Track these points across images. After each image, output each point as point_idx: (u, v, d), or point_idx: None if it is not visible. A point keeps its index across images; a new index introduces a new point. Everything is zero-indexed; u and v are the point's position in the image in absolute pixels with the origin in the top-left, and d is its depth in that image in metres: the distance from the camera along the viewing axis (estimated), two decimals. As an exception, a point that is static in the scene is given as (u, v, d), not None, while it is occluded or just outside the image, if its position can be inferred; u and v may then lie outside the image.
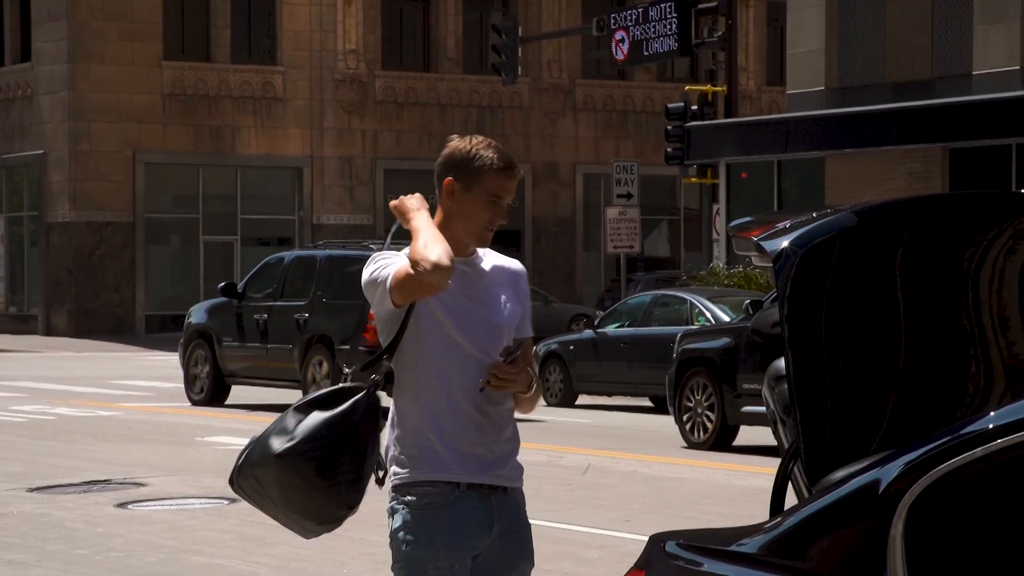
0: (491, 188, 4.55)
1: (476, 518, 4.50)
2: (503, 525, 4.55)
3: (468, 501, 4.50)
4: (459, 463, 4.49)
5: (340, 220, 43.26)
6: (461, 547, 4.48)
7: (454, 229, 4.56)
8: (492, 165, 4.54)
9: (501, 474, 4.54)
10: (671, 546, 4.26)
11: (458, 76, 44.73)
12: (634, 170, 32.99)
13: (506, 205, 4.59)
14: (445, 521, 4.47)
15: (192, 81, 41.86)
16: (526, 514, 4.66)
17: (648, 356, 21.14)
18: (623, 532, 10.93)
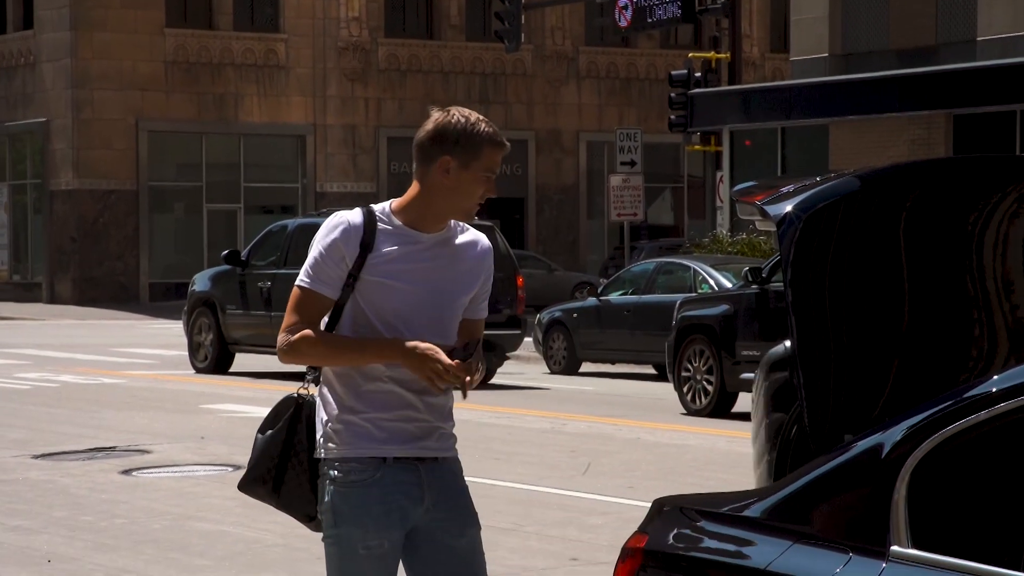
0: (488, 164, 4.52)
1: (405, 491, 4.47)
2: (436, 494, 4.50)
3: (395, 475, 4.47)
4: (384, 437, 4.46)
5: (343, 188, 43.23)
6: (391, 524, 4.45)
7: (437, 204, 4.51)
8: (491, 140, 4.52)
9: (428, 445, 4.51)
10: (674, 511, 4.27)
11: (461, 44, 44.63)
12: (637, 137, 32.93)
13: (492, 179, 4.56)
14: (373, 499, 4.44)
15: (195, 49, 41.79)
16: (463, 479, 4.60)
17: (651, 324, 21.15)
18: (626, 499, 10.95)
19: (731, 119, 29.91)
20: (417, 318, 4.48)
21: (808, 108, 28.27)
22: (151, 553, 9.16)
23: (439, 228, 4.54)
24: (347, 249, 4.47)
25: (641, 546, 4.20)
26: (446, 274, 4.53)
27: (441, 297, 4.52)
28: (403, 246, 4.50)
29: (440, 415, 4.52)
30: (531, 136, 45.42)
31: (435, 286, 4.51)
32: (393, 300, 4.47)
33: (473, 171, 4.50)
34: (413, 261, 4.50)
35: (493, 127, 4.57)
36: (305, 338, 4.45)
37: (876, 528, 3.67)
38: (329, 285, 4.47)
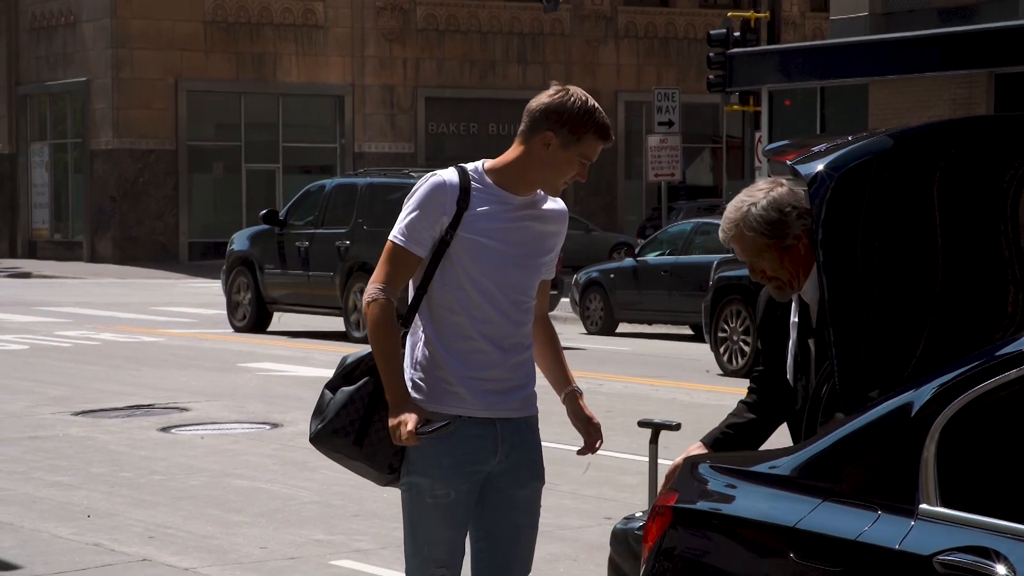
0: (587, 152, 4.65)
1: (478, 444, 4.63)
2: (508, 447, 4.67)
3: (469, 428, 4.62)
4: (466, 395, 4.61)
5: (381, 148, 43.26)
6: (459, 476, 4.61)
7: (531, 173, 4.66)
8: (596, 132, 4.63)
9: (509, 405, 4.67)
10: (704, 468, 4.30)
11: (499, 3, 44.49)
12: (675, 97, 32.81)
13: (588, 166, 4.71)
14: (444, 451, 4.59)
15: (234, 8, 41.80)
16: (538, 435, 4.78)
17: (688, 284, 21.13)
18: (661, 459, 10.96)
19: (770, 79, 29.75)
20: (503, 276, 4.63)
21: (848, 67, 28.09)
22: (189, 509, 9.25)
23: (528, 193, 4.70)
24: (445, 207, 4.61)
25: (671, 503, 4.23)
26: (531, 236, 4.69)
27: (526, 258, 4.68)
28: (495, 205, 4.65)
29: (525, 375, 4.69)
30: (569, 96, 45.23)
31: (522, 247, 4.67)
32: (483, 258, 4.61)
33: (571, 153, 4.64)
34: (504, 221, 4.66)
35: (604, 120, 4.68)
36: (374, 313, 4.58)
37: (905, 486, 3.68)
38: (421, 244, 4.62)
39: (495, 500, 4.68)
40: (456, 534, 4.64)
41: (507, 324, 4.64)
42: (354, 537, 8.59)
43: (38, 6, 43.61)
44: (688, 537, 4.16)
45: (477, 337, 4.60)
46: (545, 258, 4.74)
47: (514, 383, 4.66)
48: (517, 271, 4.66)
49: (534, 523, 4.76)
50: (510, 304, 4.64)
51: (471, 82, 44.41)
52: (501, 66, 44.65)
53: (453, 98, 44.19)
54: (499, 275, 4.63)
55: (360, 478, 4.84)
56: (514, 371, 4.66)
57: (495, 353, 4.61)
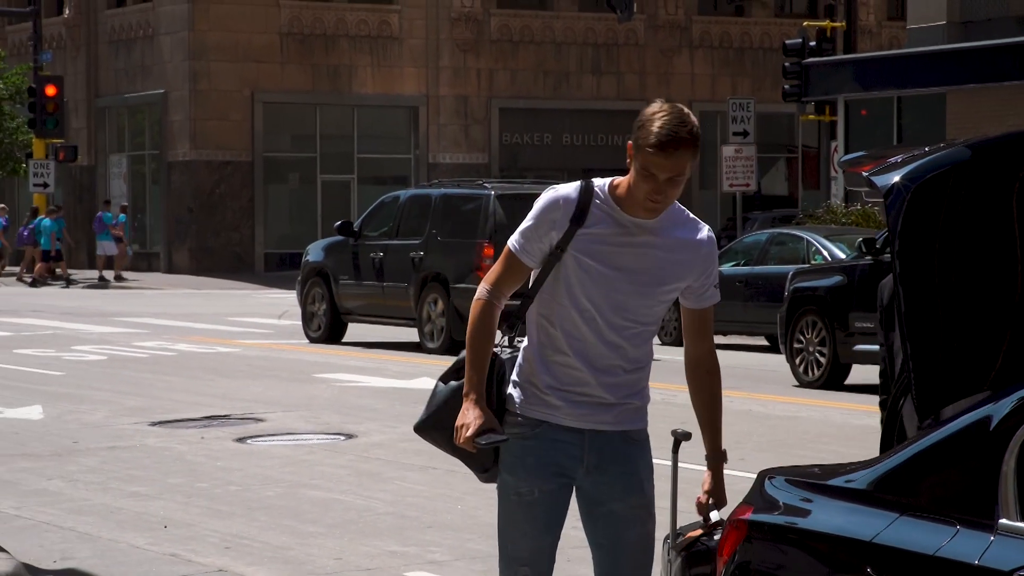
0: (645, 163, 4.50)
1: (564, 450, 4.63)
2: (597, 458, 4.65)
3: (555, 433, 4.64)
4: (556, 405, 4.62)
5: (455, 159, 43.36)
6: (543, 475, 4.62)
7: (629, 189, 4.59)
8: (650, 143, 4.50)
9: (599, 419, 4.64)
10: (779, 481, 4.27)
11: (573, 14, 44.51)
12: (750, 107, 32.67)
13: (667, 181, 4.49)
14: (529, 451, 4.63)
15: (309, 20, 42.08)
16: (640, 448, 4.74)
17: (764, 295, 21.00)
18: (736, 471, 10.87)
19: (846, 88, 29.56)
20: (604, 298, 4.58)
21: (925, 77, 27.86)
22: (264, 520, 9.29)
23: (647, 214, 4.57)
24: (557, 222, 4.58)
25: (747, 517, 4.20)
26: (647, 262, 4.58)
27: (636, 284, 4.59)
28: (610, 226, 4.58)
29: (624, 395, 4.64)
30: (643, 106, 44.92)
31: (631, 273, 4.58)
32: (586, 278, 4.58)
33: (635, 164, 4.54)
34: (615, 243, 4.58)
35: (667, 130, 4.49)
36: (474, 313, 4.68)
37: (984, 501, 3.63)
38: (531, 255, 4.62)
39: (598, 514, 4.68)
40: (539, 534, 4.63)
41: (601, 345, 4.59)
42: (428, 548, 8.60)
43: (117, 19, 44.10)
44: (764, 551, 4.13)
45: (569, 353, 4.59)
46: (665, 287, 4.59)
47: (608, 400, 4.63)
48: (622, 296, 4.58)
49: (640, 537, 4.71)
50: (608, 327, 4.59)
51: (545, 92, 44.44)
52: (575, 76, 44.64)
53: (527, 108, 44.23)
54: (600, 297, 4.57)
55: (435, 489, 4.86)
56: (609, 390, 4.62)
57: (586, 371, 4.60)
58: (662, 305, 4.64)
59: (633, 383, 4.67)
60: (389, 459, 11.32)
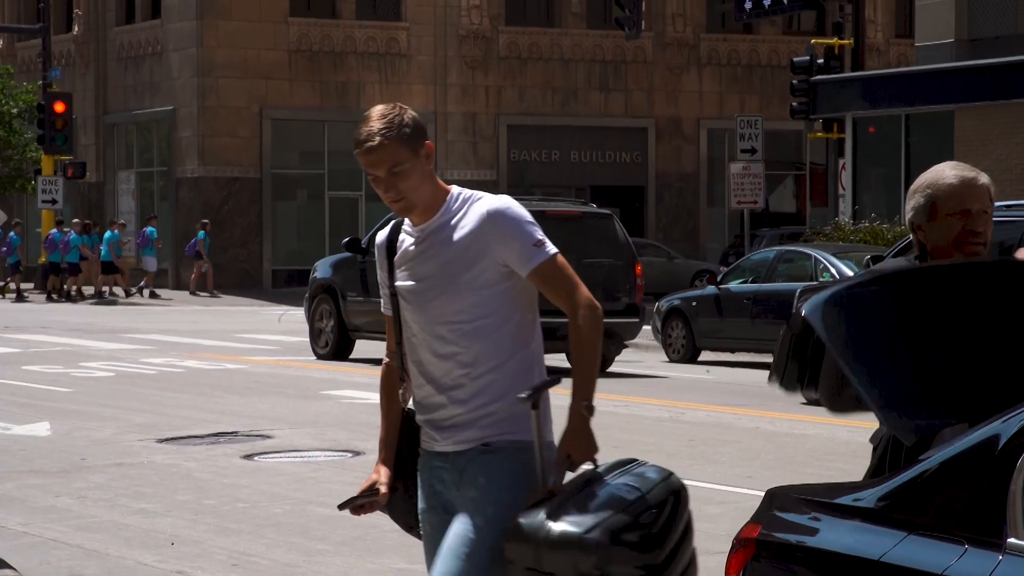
0: (362, 167, 4.59)
1: (439, 476, 4.61)
2: (459, 477, 4.56)
3: (433, 461, 4.62)
4: (429, 433, 4.63)
5: (463, 176, 43.41)
6: (429, 508, 4.64)
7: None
8: (355, 145, 4.56)
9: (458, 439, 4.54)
10: (787, 500, 4.26)
11: (581, 31, 44.57)
12: (758, 125, 32.70)
13: (389, 175, 4.48)
14: (421, 485, 4.68)
15: (318, 37, 42.18)
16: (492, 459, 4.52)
17: (772, 312, 21.01)
18: (745, 488, 10.90)
19: (854, 106, 29.58)
20: (423, 315, 4.54)
21: (933, 94, 27.87)
22: (272, 537, 9.29)
23: (422, 218, 4.57)
24: (382, 265, 4.73)
25: (754, 536, 4.19)
26: (434, 264, 4.54)
27: (435, 288, 4.53)
28: (408, 245, 4.63)
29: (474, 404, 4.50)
30: (651, 124, 45.27)
31: (427, 279, 4.55)
32: (405, 304, 4.60)
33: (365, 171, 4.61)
34: (410, 258, 4.61)
35: (364, 129, 4.52)
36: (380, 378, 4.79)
37: (992, 520, 3.63)
38: (384, 303, 4.75)
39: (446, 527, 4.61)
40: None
41: (438, 360, 4.54)
42: (435, 565, 8.58)
43: (126, 36, 44.21)
44: (771, 570, 4.12)
45: (423, 381, 4.59)
46: (468, 275, 4.47)
47: (465, 417, 4.54)
48: (434, 303, 4.52)
49: (461, 525, 4.48)
50: (436, 339, 4.53)
51: (553, 109, 44.49)
52: (583, 93, 44.70)
53: (535, 125, 44.28)
54: (418, 313, 4.56)
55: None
56: (461, 405, 4.54)
57: (437, 394, 4.56)
58: (481, 293, 4.48)
59: (485, 389, 4.51)
60: (396, 476, 11.31)
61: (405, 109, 4.58)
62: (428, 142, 4.58)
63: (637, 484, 4.45)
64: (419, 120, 4.59)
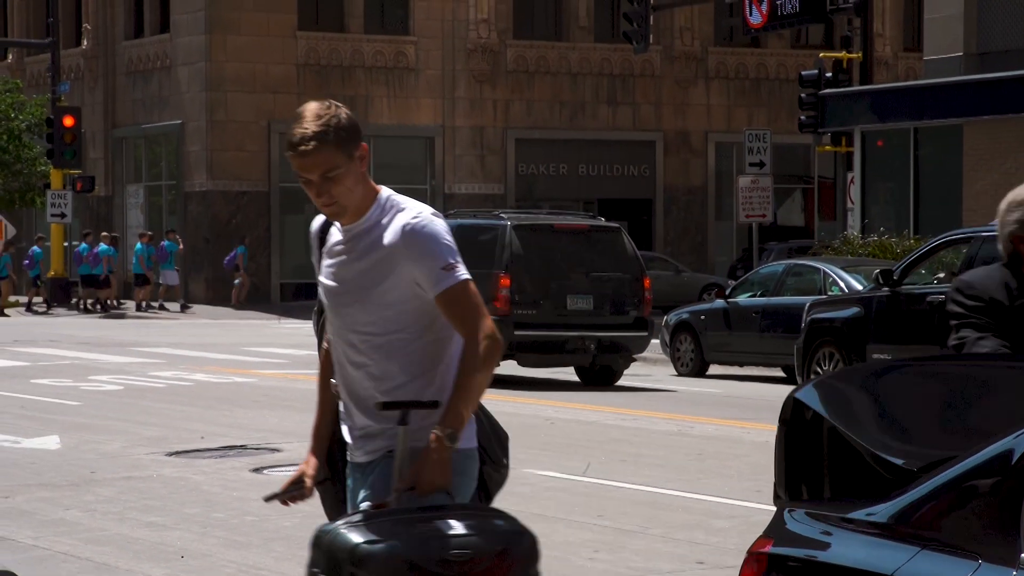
0: (294, 168, 4.44)
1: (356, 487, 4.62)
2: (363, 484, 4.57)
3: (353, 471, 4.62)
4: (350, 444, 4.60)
5: (471, 189, 43.42)
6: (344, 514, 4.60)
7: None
8: (287, 145, 4.46)
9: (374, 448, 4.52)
10: (799, 514, 4.25)
11: (589, 45, 44.61)
12: (766, 138, 32.69)
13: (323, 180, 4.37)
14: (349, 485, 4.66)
15: (326, 51, 42.23)
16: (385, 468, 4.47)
17: (780, 326, 20.99)
18: (753, 502, 10.88)
19: (863, 119, 29.56)
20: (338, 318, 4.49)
21: (942, 108, 27.85)
22: (281, 550, 9.28)
23: (350, 220, 4.48)
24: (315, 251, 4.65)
25: (766, 550, 4.18)
26: (351, 270, 4.48)
27: (349, 295, 4.48)
28: (336, 244, 4.55)
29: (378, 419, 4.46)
30: (659, 137, 45.28)
31: (343, 283, 4.50)
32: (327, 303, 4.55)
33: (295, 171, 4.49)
34: (333, 258, 4.55)
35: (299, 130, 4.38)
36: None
37: (1006, 535, 3.61)
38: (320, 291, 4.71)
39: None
40: None
41: (350, 367, 4.49)
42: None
43: (134, 50, 44.29)
44: (783, 585, 4.11)
45: (340, 383, 4.54)
46: (380, 288, 4.38)
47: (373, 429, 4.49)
48: (348, 308, 4.45)
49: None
50: (349, 346, 4.47)
51: (561, 123, 44.51)
52: (591, 107, 44.72)
53: (543, 139, 44.29)
54: (334, 315, 4.51)
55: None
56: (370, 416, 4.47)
57: (347, 399, 4.53)
58: (393, 308, 4.39)
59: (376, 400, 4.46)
60: (405, 490, 11.30)
61: (341, 108, 4.45)
62: (363, 144, 4.47)
63: (461, 529, 4.18)
64: (355, 121, 4.48)
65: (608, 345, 20.18)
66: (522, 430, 14.85)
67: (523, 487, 10.95)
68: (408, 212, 4.42)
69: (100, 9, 45.36)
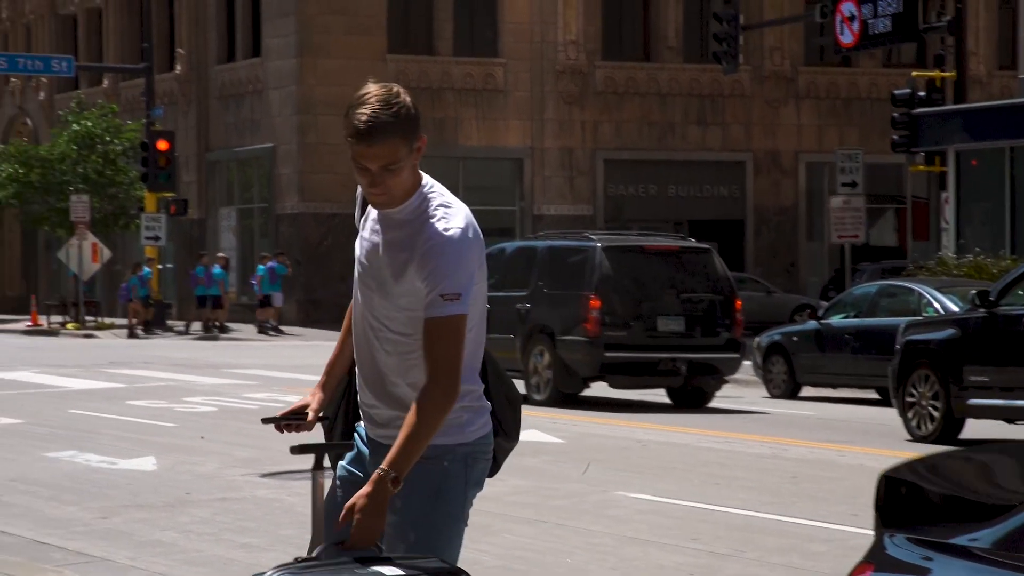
0: (352, 154, 4.27)
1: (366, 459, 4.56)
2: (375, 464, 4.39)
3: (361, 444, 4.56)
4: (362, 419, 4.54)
5: (560, 211, 43.43)
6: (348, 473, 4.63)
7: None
8: (349, 130, 4.25)
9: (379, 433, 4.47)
10: (900, 539, 4.20)
11: (678, 65, 44.52)
12: (858, 158, 32.43)
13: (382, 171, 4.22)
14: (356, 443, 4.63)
15: (415, 74, 42.46)
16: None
17: (874, 347, 20.79)
18: (849, 526, 10.77)
19: (957, 139, 29.26)
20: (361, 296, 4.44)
21: (1037, 126, 27.49)
22: (374, 572, 9.29)
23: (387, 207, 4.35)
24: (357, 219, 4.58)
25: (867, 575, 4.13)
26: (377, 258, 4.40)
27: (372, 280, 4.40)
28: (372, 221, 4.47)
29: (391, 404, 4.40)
30: (749, 157, 45.06)
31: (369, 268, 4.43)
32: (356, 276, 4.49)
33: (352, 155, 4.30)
34: (367, 238, 4.45)
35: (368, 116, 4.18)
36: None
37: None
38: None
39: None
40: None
41: (363, 343, 4.40)
42: (538, 602, 8.55)
43: (227, 75, 44.77)
44: (884, 611, 4.06)
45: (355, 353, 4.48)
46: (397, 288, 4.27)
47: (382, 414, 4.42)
48: (370, 292, 4.40)
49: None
50: (368, 327, 4.39)
51: (650, 144, 44.44)
52: (680, 128, 44.61)
53: (632, 160, 44.23)
54: (359, 292, 4.44)
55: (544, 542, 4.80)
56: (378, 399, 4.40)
57: (360, 375, 4.44)
58: (405, 312, 4.27)
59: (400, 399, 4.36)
60: (498, 512, 11.29)
61: (404, 93, 4.27)
62: (423, 136, 4.31)
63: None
64: (417, 109, 4.33)
65: (699, 367, 20.09)
66: (614, 452, 14.79)
67: (616, 510, 10.90)
68: (444, 221, 4.26)
69: (193, 35, 45.92)
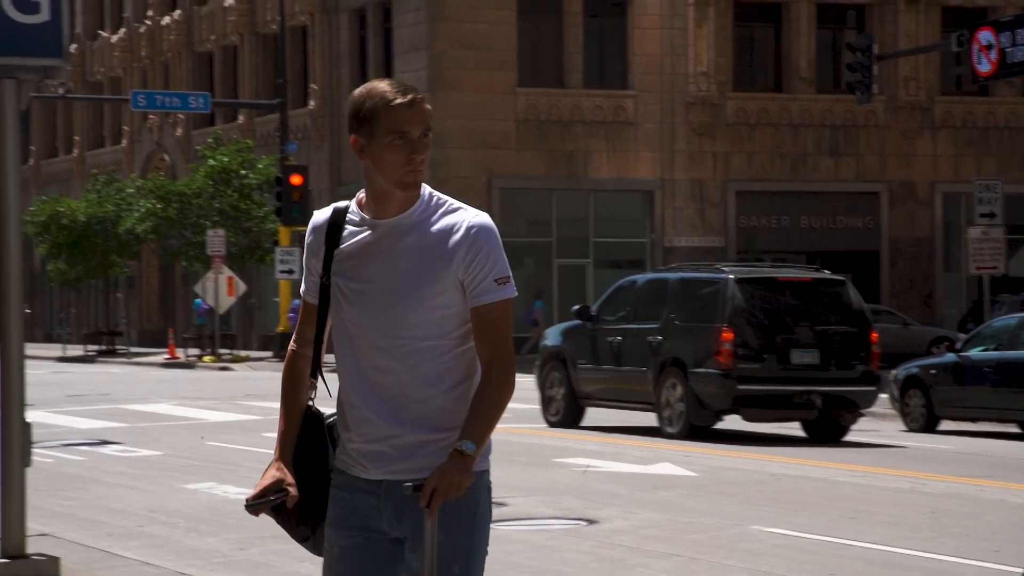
0: (392, 125, 4.15)
1: (364, 501, 4.27)
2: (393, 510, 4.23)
3: (356, 483, 4.28)
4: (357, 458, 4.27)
5: (691, 243, 43.22)
6: (340, 529, 4.28)
7: (376, 184, 4.22)
8: (385, 103, 4.14)
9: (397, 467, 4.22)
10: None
11: (811, 96, 44.15)
12: (997, 188, 31.86)
13: (420, 140, 4.18)
14: (333, 503, 4.31)
15: (545, 107, 42.56)
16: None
17: (1015, 380, 20.39)
18: (992, 563, 10.52)
19: (1098, 167, 28.64)
20: (366, 320, 4.19)
21: None
22: (508, 605, 9.24)
23: (387, 213, 4.22)
24: (314, 249, 4.31)
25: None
26: (395, 267, 4.19)
27: (388, 295, 4.19)
28: (360, 238, 4.25)
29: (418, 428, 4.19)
30: (883, 188, 44.51)
31: (381, 282, 4.19)
32: (345, 302, 4.22)
33: (379, 140, 4.18)
34: (362, 255, 4.23)
35: (399, 86, 4.17)
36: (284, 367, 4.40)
37: None
38: (309, 291, 4.32)
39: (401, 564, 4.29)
40: None
41: (376, 373, 4.19)
42: (674, 638, 8.44)
43: (359, 109, 45.21)
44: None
45: (351, 390, 4.22)
46: (431, 290, 4.12)
47: (404, 439, 4.19)
48: (383, 310, 4.16)
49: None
50: (377, 350, 4.17)
51: (782, 175, 44.09)
52: (813, 158, 44.21)
53: (763, 191, 43.91)
54: (360, 317, 4.18)
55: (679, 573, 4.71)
56: (400, 427, 4.17)
57: (368, 409, 4.18)
58: (439, 312, 4.13)
59: (434, 415, 4.18)
60: (632, 545, 11.19)
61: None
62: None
63: None
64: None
65: (835, 400, 19.82)
66: (748, 485, 14.62)
67: (750, 543, 10.74)
68: (468, 210, 4.25)
69: (326, 70, 46.48)
